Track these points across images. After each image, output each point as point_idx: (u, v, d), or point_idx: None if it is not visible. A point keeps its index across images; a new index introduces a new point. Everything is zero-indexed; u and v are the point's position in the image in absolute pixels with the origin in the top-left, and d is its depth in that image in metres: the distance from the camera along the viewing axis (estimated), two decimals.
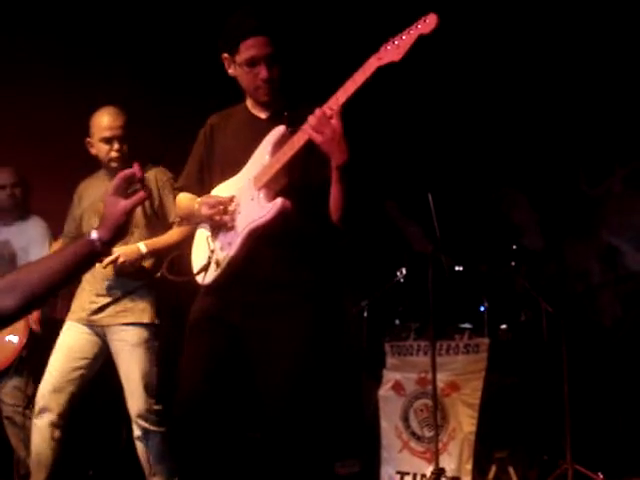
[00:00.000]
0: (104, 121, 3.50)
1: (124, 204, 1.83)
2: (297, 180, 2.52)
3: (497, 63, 4.62)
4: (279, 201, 2.45)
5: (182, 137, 4.61)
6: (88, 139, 3.56)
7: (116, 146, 3.49)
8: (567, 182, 4.74)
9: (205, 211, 2.57)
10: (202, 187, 2.71)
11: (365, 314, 4.35)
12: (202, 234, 2.70)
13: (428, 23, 2.18)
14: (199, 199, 2.64)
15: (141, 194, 1.84)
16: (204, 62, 4.45)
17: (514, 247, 4.23)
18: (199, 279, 2.62)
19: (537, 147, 4.71)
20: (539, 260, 4.49)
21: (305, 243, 2.57)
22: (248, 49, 2.52)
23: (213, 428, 2.54)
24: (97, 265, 3.44)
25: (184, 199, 2.79)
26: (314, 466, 2.50)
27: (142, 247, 3.42)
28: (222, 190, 2.63)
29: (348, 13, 4.52)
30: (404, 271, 4.23)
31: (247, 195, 2.54)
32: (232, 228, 2.55)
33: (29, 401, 3.85)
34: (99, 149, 3.53)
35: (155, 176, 3.57)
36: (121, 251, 3.38)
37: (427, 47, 2.24)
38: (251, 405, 2.69)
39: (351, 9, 4.51)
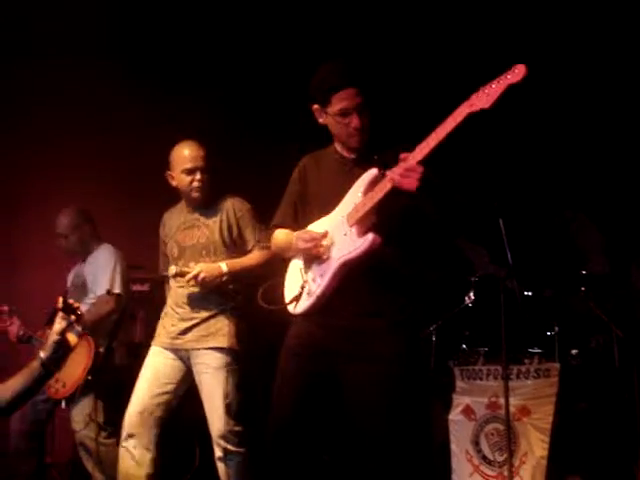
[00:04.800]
0: (186, 153, 3.63)
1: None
2: (386, 218, 2.65)
3: (563, 87, 4.67)
4: (370, 236, 2.58)
5: (261, 168, 4.79)
6: (169, 172, 3.69)
7: (198, 176, 3.62)
8: (633, 205, 4.73)
9: (301, 245, 2.73)
10: (296, 223, 2.87)
11: (433, 338, 4.40)
12: (295, 265, 2.84)
13: (517, 73, 2.30)
14: (295, 233, 2.80)
15: None
16: (282, 96, 4.64)
17: (583, 272, 4.24)
18: (290, 308, 2.75)
19: (604, 170, 4.72)
20: (608, 284, 4.47)
21: (392, 273, 2.70)
22: (340, 101, 2.66)
23: (301, 452, 2.66)
24: (180, 289, 3.58)
25: (281, 234, 2.94)
26: None
27: (223, 266, 3.53)
28: (317, 226, 2.78)
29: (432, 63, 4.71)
30: (472, 296, 4.27)
31: (340, 231, 2.68)
32: (325, 261, 2.69)
33: (100, 427, 3.96)
34: (180, 180, 3.65)
35: (233, 206, 3.69)
36: (203, 267, 3.49)
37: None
38: (324, 428, 2.79)
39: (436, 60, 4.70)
